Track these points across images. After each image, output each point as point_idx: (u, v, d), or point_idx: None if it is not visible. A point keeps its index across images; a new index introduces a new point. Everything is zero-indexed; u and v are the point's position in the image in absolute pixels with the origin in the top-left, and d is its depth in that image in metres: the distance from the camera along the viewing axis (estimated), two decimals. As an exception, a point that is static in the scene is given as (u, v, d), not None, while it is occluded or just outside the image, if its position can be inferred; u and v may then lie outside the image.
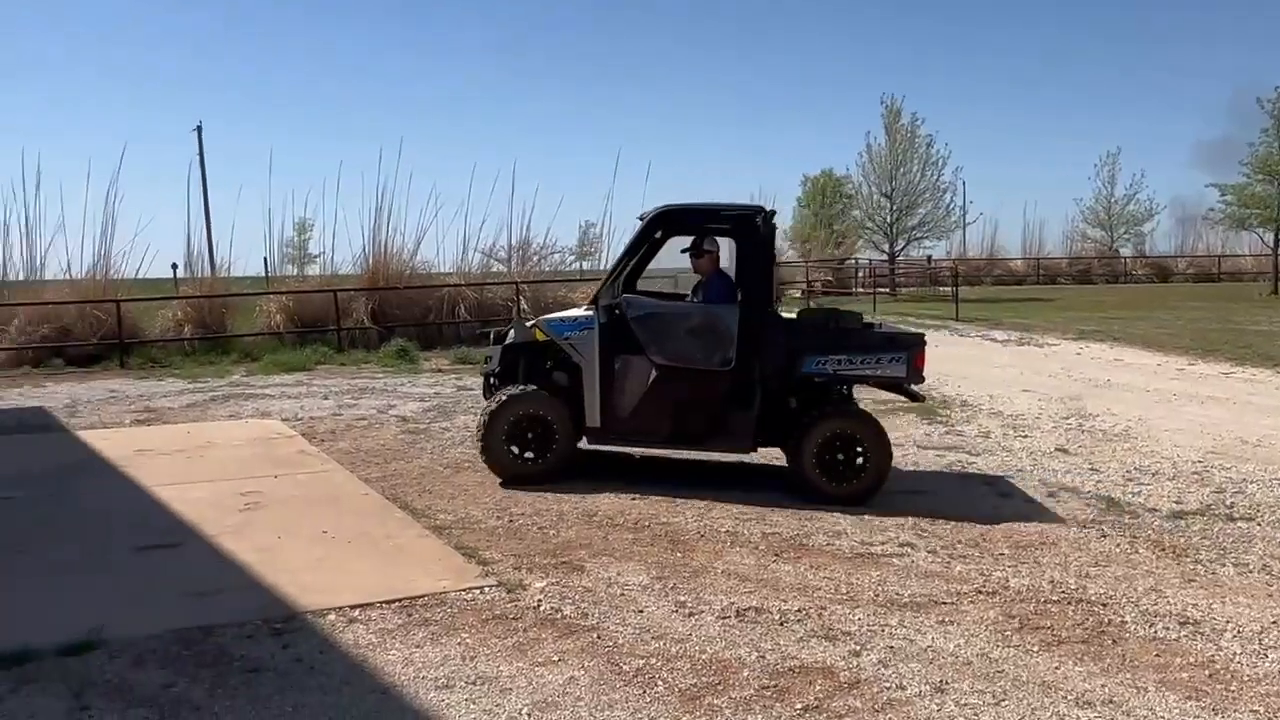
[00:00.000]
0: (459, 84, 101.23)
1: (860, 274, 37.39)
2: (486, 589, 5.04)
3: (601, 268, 24.89)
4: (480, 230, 29.69)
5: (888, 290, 35.26)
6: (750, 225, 7.18)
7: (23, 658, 4.10)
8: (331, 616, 4.64)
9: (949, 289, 29.38)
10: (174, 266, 23.46)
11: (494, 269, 21.73)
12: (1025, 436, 9.46)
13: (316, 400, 12.03)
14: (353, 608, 4.74)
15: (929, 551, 5.82)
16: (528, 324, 7.77)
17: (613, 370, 7.20)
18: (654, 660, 4.21)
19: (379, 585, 5.07)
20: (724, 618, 4.69)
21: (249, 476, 7.57)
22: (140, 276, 18.90)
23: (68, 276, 18.26)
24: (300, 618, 4.62)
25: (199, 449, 8.73)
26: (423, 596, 4.90)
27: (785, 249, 37.86)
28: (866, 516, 6.52)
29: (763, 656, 4.25)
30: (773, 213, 7.28)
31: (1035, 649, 4.39)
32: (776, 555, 5.70)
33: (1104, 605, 4.94)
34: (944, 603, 4.95)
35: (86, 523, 6.32)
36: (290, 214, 38.10)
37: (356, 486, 7.36)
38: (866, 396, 8.89)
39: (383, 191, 26.70)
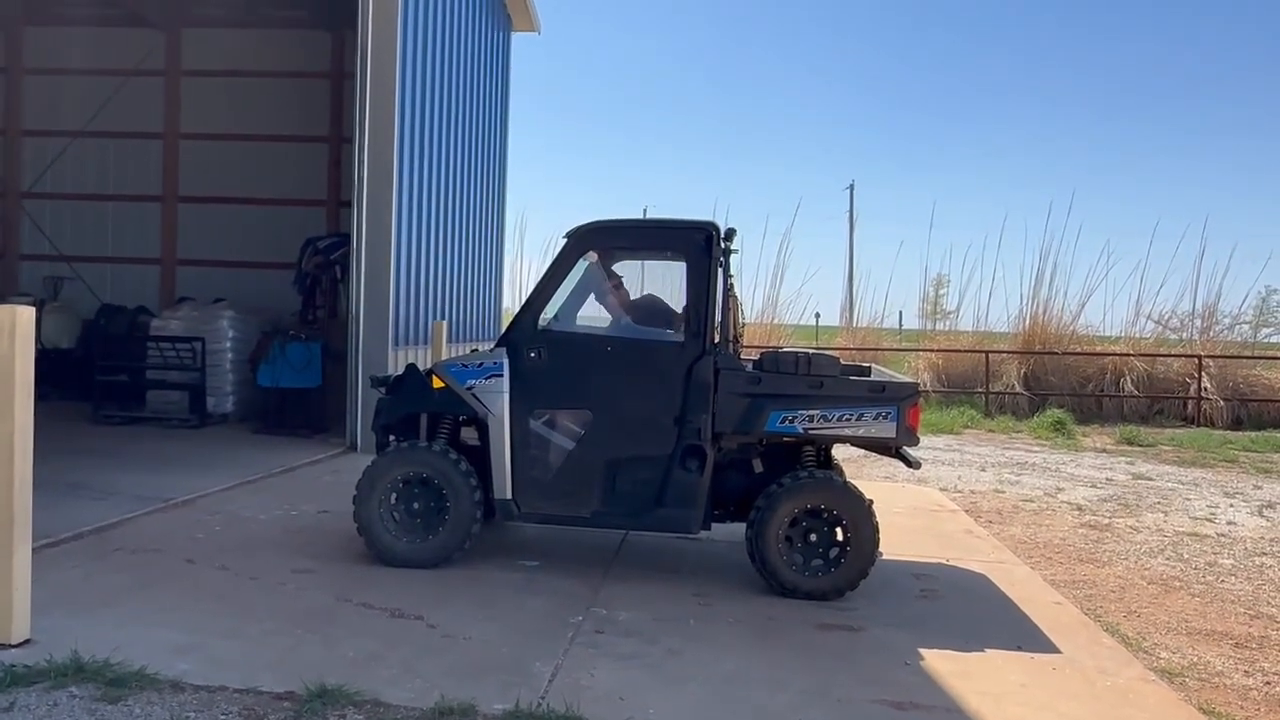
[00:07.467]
0: (1143, 131, 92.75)
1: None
2: (1269, 793, 3.66)
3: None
4: (1157, 294, 27.07)
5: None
6: (699, 245, 5.87)
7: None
8: (1057, 782, 3.66)
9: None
10: (816, 315, 24.66)
11: (1169, 338, 19.05)
12: None
13: (973, 471, 11.17)
14: (1082, 775, 3.71)
15: None
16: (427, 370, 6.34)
17: (526, 428, 5.93)
18: None
19: (1107, 746, 3.98)
20: None
21: (918, 555, 6.91)
22: (799, 323, 19.94)
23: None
24: (1016, 773, 3.72)
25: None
26: (1176, 782, 3.69)
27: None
28: None
29: None
30: (731, 231, 6.00)
31: None
32: None
33: None
34: None
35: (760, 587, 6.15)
36: (942, 268, 38.06)
37: (1044, 591, 6.27)
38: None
39: (1045, 249, 25.03)
